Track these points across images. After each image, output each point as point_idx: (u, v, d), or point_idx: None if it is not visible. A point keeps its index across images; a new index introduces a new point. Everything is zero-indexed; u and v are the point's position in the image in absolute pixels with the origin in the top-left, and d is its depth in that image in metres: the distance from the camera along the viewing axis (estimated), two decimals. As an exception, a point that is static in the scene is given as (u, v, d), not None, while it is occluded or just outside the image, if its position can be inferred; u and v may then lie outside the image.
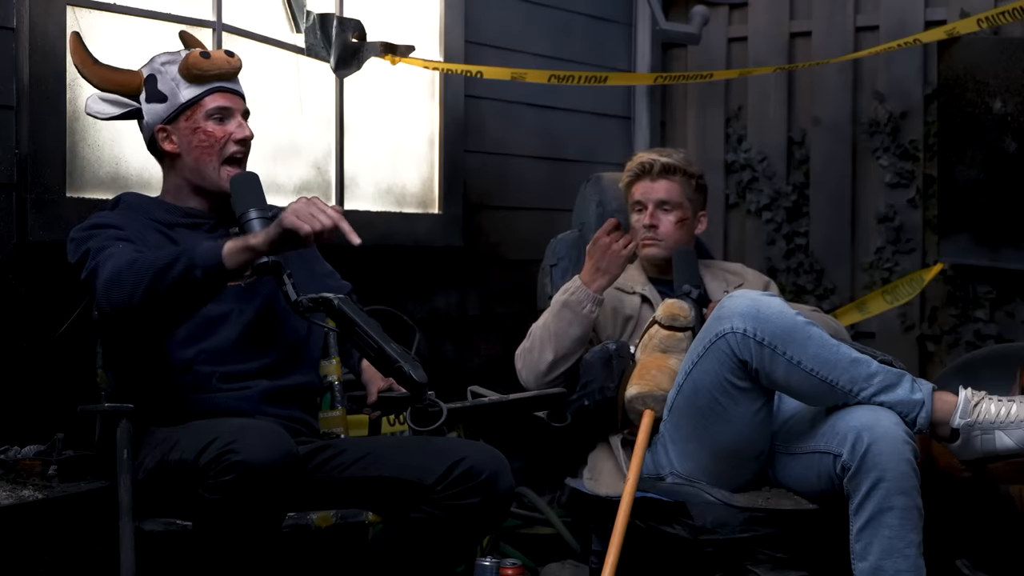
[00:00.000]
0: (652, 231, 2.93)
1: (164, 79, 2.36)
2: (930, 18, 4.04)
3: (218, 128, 2.36)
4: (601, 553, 2.53)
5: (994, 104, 3.83)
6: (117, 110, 2.41)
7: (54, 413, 2.55)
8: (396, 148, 3.67)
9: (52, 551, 2.28)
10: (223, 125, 2.36)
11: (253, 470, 1.93)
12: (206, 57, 2.35)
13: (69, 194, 2.74)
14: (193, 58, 2.34)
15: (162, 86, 2.36)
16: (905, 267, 4.10)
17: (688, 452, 2.56)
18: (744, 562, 2.47)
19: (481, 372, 3.73)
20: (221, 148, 2.36)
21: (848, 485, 2.33)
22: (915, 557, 2.30)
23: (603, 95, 4.25)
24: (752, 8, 4.42)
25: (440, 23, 3.74)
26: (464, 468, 2.14)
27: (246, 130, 2.39)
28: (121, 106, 2.41)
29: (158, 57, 2.40)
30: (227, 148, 2.36)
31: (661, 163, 2.93)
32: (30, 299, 2.64)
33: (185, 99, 2.35)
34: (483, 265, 3.87)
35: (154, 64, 2.39)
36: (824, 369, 2.37)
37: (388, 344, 2.16)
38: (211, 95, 2.36)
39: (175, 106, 2.35)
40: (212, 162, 2.36)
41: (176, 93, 2.35)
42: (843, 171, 4.23)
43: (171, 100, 2.35)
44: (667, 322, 2.66)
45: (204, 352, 2.29)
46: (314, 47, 3.21)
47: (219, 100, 2.36)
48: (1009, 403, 2.32)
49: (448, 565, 2.33)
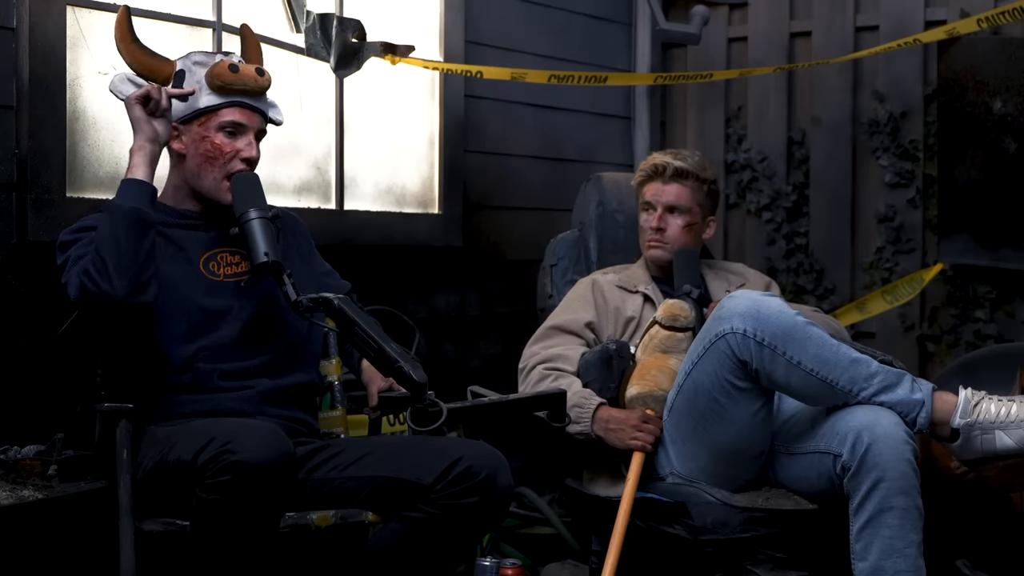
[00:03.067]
0: (659, 234, 2.93)
1: (191, 78, 2.34)
2: (930, 18, 4.04)
3: (227, 142, 2.34)
4: (601, 553, 2.53)
5: (994, 104, 3.83)
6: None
7: (54, 413, 2.55)
8: (396, 148, 3.67)
9: (52, 551, 2.28)
10: (233, 140, 2.35)
11: (250, 470, 1.93)
12: (234, 71, 2.33)
13: (69, 194, 2.74)
14: (220, 68, 2.32)
15: (187, 85, 2.34)
16: (905, 267, 4.10)
17: (688, 452, 2.56)
18: (744, 562, 2.47)
19: (481, 372, 3.73)
20: (226, 163, 2.34)
21: (848, 485, 2.33)
22: (915, 557, 2.30)
23: (603, 95, 4.25)
24: (752, 8, 4.42)
25: (440, 23, 3.74)
26: (463, 467, 2.14)
27: (253, 150, 2.36)
28: None
29: (194, 54, 2.38)
30: (232, 164, 2.35)
31: (674, 167, 2.92)
32: (30, 299, 2.64)
33: (203, 105, 2.33)
34: (483, 265, 3.87)
35: (188, 60, 2.37)
36: (824, 369, 2.37)
37: (388, 344, 2.16)
38: (229, 108, 2.34)
39: (192, 109, 2.34)
40: (214, 173, 2.35)
41: (197, 96, 2.33)
42: (843, 171, 4.23)
43: (191, 102, 2.33)
44: (667, 322, 2.66)
45: (205, 349, 2.29)
46: (314, 47, 3.21)
47: (235, 115, 2.34)
48: (1009, 403, 2.32)
49: (448, 565, 2.33)
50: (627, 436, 2.59)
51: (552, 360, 2.79)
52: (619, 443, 2.61)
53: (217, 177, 2.35)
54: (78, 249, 2.22)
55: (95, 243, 2.16)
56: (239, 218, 2.27)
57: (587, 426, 2.65)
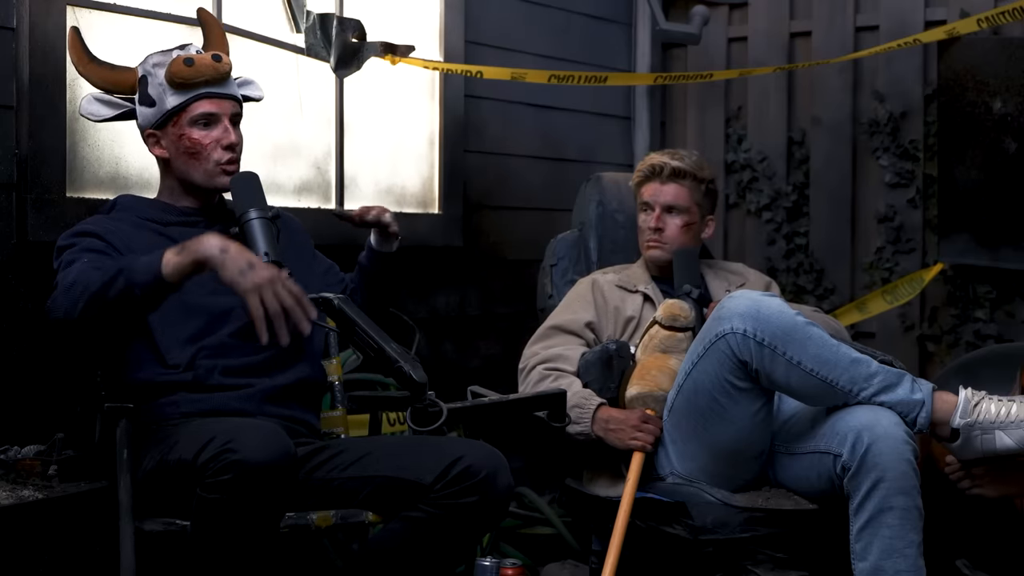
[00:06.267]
0: (658, 234, 2.92)
1: (153, 83, 2.34)
2: (930, 18, 4.04)
3: (204, 134, 2.34)
4: (601, 553, 2.53)
5: (994, 104, 3.83)
6: (111, 111, 2.38)
7: (54, 413, 2.55)
8: (396, 148, 3.67)
9: (52, 551, 2.28)
10: (209, 131, 2.34)
11: (251, 469, 1.93)
12: (189, 65, 2.31)
13: (69, 194, 2.74)
14: (176, 66, 2.31)
15: (151, 90, 2.34)
16: (905, 267, 4.10)
17: (688, 452, 2.56)
18: (744, 562, 2.47)
19: (481, 372, 3.73)
20: (209, 154, 2.34)
21: (848, 485, 2.34)
22: (915, 557, 2.30)
23: (603, 95, 4.25)
24: (752, 8, 4.42)
25: (440, 23, 3.74)
26: (462, 467, 2.14)
27: (232, 136, 2.36)
28: (115, 107, 2.38)
29: (151, 57, 2.38)
30: (215, 154, 2.34)
31: (672, 167, 2.92)
32: (30, 299, 2.64)
33: (170, 106, 2.33)
34: (483, 265, 3.87)
35: (147, 64, 2.37)
36: (824, 369, 2.37)
37: (388, 344, 2.16)
38: (197, 102, 2.33)
39: (161, 112, 2.33)
40: (202, 165, 2.35)
41: (163, 99, 2.33)
42: (843, 171, 4.23)
43: (159, 106, 2.33)
44: (667, 322, 2.66)
45: (206, 348, 2.29)
46: (314, 47, 3.21)
47: (204, 106, 2.33)
48: (1009, 403, 2.32)
49: (448, 565, 2.33)
50: (627, 436, 2.59)
51: (552, 360, 2.79)
52: (619, 443, 2.61)
53: (207, 168, 2.35)
54: (70, 255, 2.22)
55: (86, 281, 2.10)
56: (239, 218, 2.27)
57: (587, 426, 2.65)
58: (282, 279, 2.07)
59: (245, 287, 2.04)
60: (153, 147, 2.37)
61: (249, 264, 2.05)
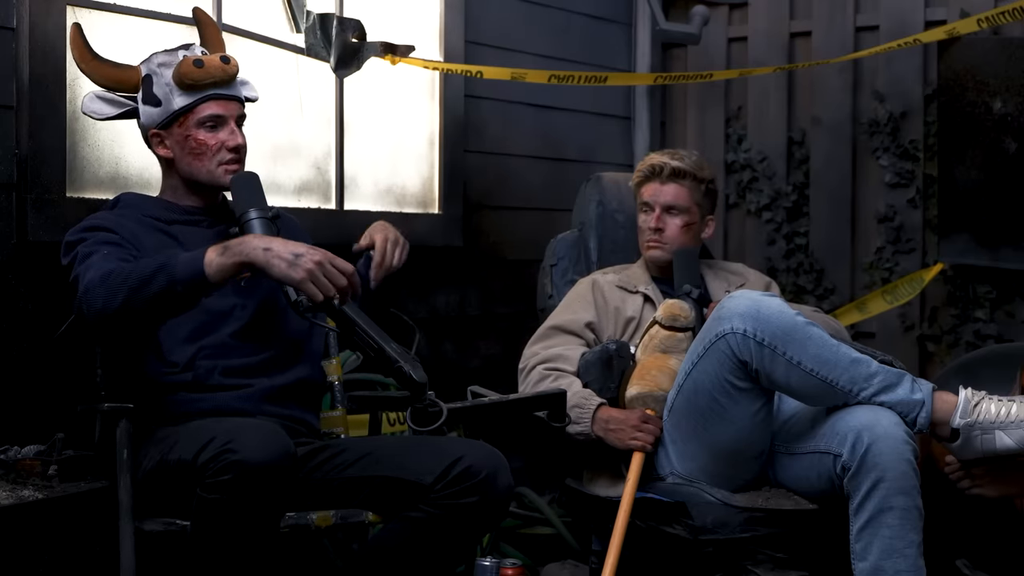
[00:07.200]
0: (658, 234, 2.93)
1: (159, 82, 2.34)
2: (930, 18, 4.04)
3: (210, 136, 2.34)
4: (601, 553, 2.53)
5: (994, 104, 3.83)
6: (114, 110, 2.39)
7: (54, 413, 2.55)
8: (396, 148, 3.67)
9: (52, 551, 2.28)
10: (215, 133, 2.35)
11: (251, 469, 1.93)
12: (199, 66, 2.31)
13: (69, 194, 2.74)
14: (186, 67, 2.31)
15: (157, 90, 2.34)
16: (905, 267, 4.10)
17: (688, 452, 2.56)
18: (744, 562, 2.48)
19: (481, 372, 3.73)
20: (214, 155, 2.35)
21: (848, 485, 2.34)
22: (915, 557, 2.30)
23: (603, 95, 4.25)
24: (752, 8, 4.42)
25: (440, 23, 3.74)
26: (462, 467, 2.14)
27: (238, 138, 2.36)
28: (118, 105, 2.39)
29: (156, 56, 2.38)
30: (220, 155, 2.35)
31: (671, 167, 2.92)
32: (30, 299, 2.64)
33: (178, 107, 2.33)
34: (483, 265, 3.87)
35: (151, 63, 2.37)
36: (824, 369, 2.37)
37: (388, 344, 2.16)
38: (204, 103, 2.34)
39: (168, 113, 2.34)
40: (206, 166, 2.35)
41: (169, 100, 2.33)
42: (843, 171, 4.23)
43: (164, 106, 2.34)
44: (667, 322, 2.66)
45: (206, 348, 2.29)
46: (314, 47, 3.21)
47: (212, 108, 2.34)
48: (1009, 403, 2.32)
49: (448, 565, 2.33)
50: (627, 436, 2.59)
51: (552, 360, 2.79)
52: (619, 443, 2.61)
53: (210, 168, 2.35)
54: (86, 247, 2.22)
55: (125, 272, 2.10)
56: (239, 218, 2.28)
57: (587, 426, 2.65)
58: (329, 258, 2.08)
59: (298, 279, 2.05)
60: (157, 147, 2.38)
61: (295, 255, 2.06)
